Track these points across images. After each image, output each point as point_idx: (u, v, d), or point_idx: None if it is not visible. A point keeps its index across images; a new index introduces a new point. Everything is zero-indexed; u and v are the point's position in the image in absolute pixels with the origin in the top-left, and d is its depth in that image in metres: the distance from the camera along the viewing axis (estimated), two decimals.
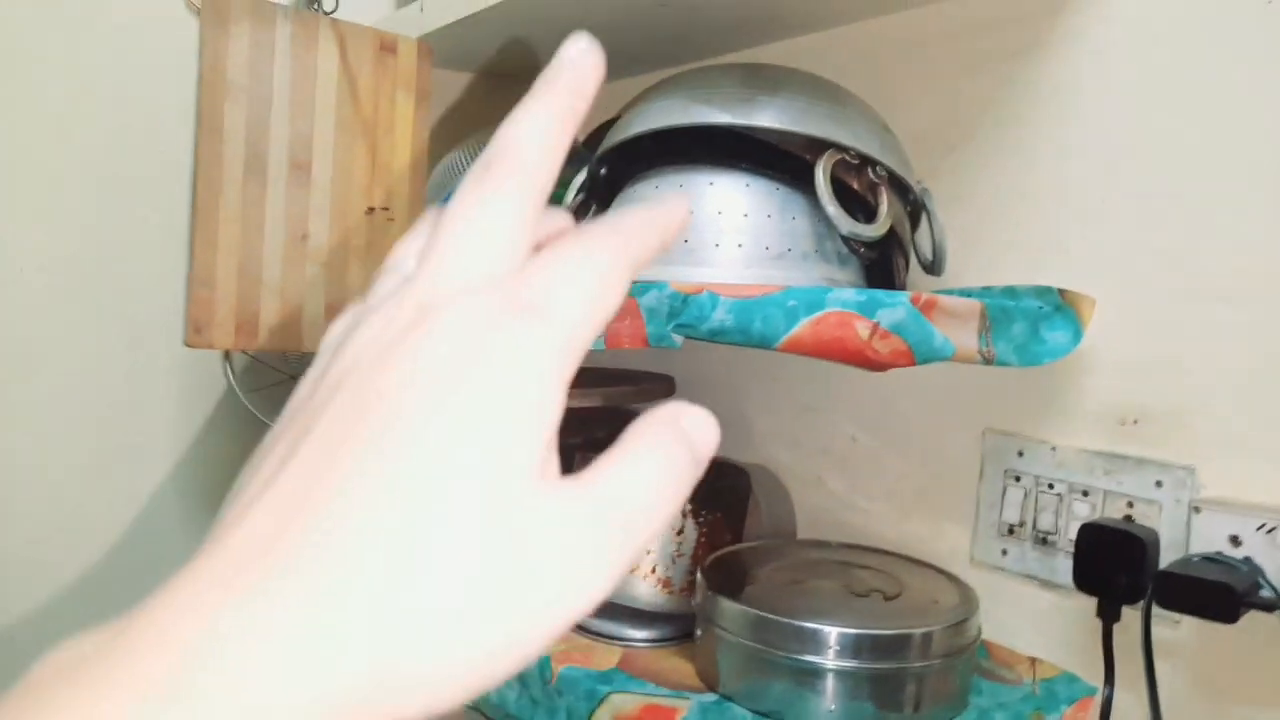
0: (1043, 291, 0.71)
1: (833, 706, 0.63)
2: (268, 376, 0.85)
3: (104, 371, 0.87)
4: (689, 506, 0.80)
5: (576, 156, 0.96)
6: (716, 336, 0.61)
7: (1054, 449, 0.72)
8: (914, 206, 0.73)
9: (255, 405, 0.83)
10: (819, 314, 0.59)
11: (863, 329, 0.59)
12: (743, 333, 0.60)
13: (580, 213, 0.81)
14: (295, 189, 0.80)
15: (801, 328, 0.59)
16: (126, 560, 0.89)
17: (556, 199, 0.84)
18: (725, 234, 0.67)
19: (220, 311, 0.77)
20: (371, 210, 0.83)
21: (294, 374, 0.86)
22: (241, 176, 0.77)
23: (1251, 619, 0.57)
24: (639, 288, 0.66)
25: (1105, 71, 0.70)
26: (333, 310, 0.82)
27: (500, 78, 1.09)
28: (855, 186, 0.68)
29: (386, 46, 0.83)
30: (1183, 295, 0.66)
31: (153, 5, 0.88)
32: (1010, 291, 0.74)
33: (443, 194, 0.93)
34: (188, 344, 0.77)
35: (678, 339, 0.62)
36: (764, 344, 0.60)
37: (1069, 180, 0.72)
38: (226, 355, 0.82)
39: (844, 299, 0.59)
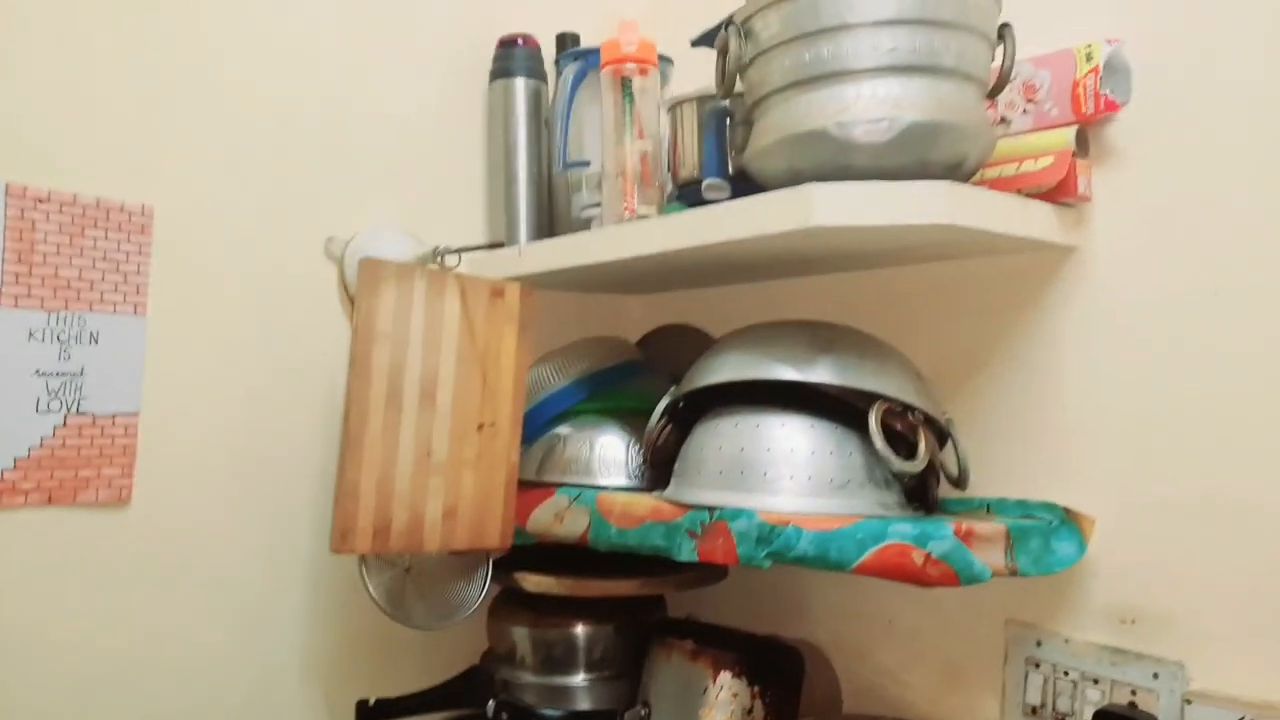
0: (1050, 507, 0.87)
1: None
2: (386, 570, 0.98)
3: (248, 566, 1.00)
4: (757, 687, 0.92)
5: (638, 366, 1.13)
6: (800, 562, 0.76)
7: (1067, 641, 0.87)
8: (940, 433, 0.89)
9: (379, 597, 0.96)
10: (882, 545, 0.74)
11: (918, 557, 0.74)
12: (822, 560, 0.75)
13: (660, 434, 0.96)
14: (424, 414, 0.95)
15: (869, 556, 0.74)
16: None
17: (639, 410, 0.99)
18: (797, 468, 0.83)
19: (361, 521, 0.91)
20: (481, 426, 0.98)
21: (407, 568, 0.99)
22: (383, 408, 0.92)
23: None
24: (730, 513, 0.81)
25: (1089, 324, 0.88)
26: (450, 515, 0.95)
27: (578, 294, 1.26)
28: (898, 426, 0.85)
29: (497, 292, 1.00)
30: (1170, 513, 0.81)
31: (300, 249, 1.05)
32: (1022, 504, 0.90)
33: (529, 403, 1.08)
34: (334, 550, 0.90)
35: (768, 563, 0.77)
36: (840, 568, 0.75)
37: (1065, 413, 0.89)
38: (361, 556, 0.95)
39: (902, 532, 0.75)
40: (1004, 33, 0.80)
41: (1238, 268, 0.78)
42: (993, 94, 0.81)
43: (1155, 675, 0.80)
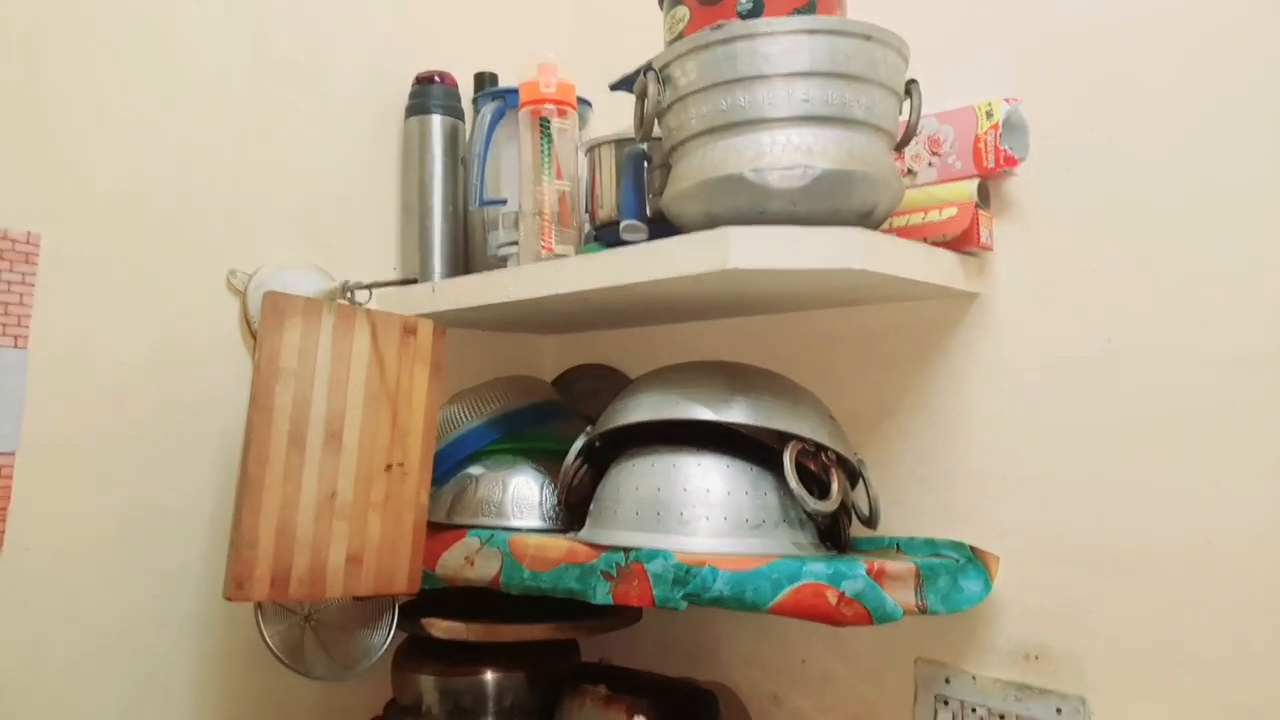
0: (957, 545, 0.89)
1: None
2: (285, 619, 0.93)
3: (134, 621, 0.94)
4: None
5: (553, 407, 1.12)
6: (717, 603, 0.75)
7: (974, 678, 0.88)
8: (852, 474, 0.91)
9: (276, 647, 0.91)
10: (797, 585, 0.75)
11: (831, 597, 0.74)
12: (738, 600, 0.75)
13: (575, 474, 0.95)
14: (328, 455, 0.91)
15: (784, 596, 0.74)
16: None
17: (554, 451, 0.98)
18: (713, 508, 0.83)
19: (259, 568, 0.86)
20: (390, 467, 0.95)
21: (307, 616, 0.95)
22: (285, 448, 0.88)
23: None
24: (646, 554, 0.80)
25: (991, 369, 0.91)
26: (354, 560, 0.92)
27: (492, 333, 1.25)
28: (811, 467, 0.86)
29: (409, 329, 0.97)
30: (1071, 554, 0.84)
31: (201, 280, 1.00)
32: (930, 543, 0.91)
33: (440, 443, 1.05)
34: (228, 598, 0.85)
35: (684, 604, 0.76)
36: (755, 609, 0.75)
37: (970, 456, 0.92)
38: (257, 604, 0.90)
39: (816, 572, 0.75)
40: (911, 88, 0.83)
41: (1128, 317, 0.82)
42: (900, 146, 0.84)
43: (1058, 710, 0.82)
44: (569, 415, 1.11)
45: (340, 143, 1.11)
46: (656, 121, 0.85)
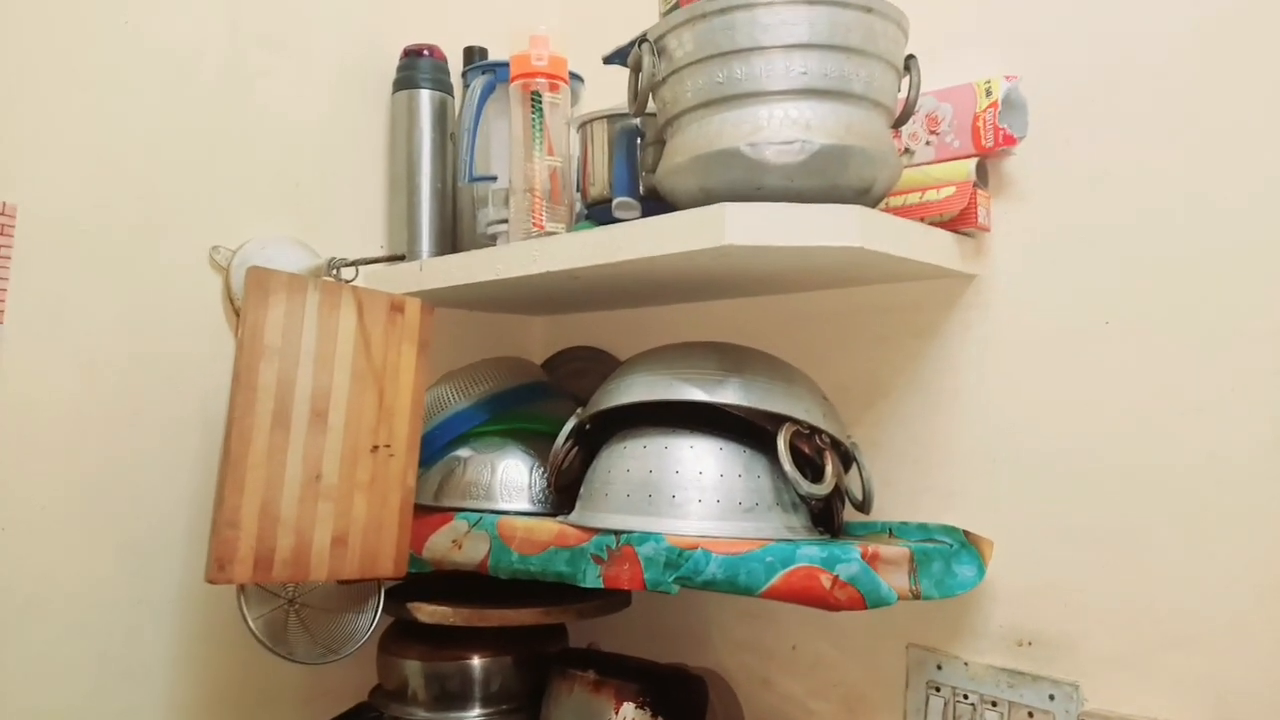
0: (950, 530, 0.88)
1: None
2: (268, 602, 0.91)
3: (110, 603, 0.92)
4: (661, 718, 0.90)
5: (543, 388, 1.10)
6: (709, 586, 0.74)
7: (966, 664, 0.87)
8: (846, 457, 0.90)
9: (259, 630, 0.89)
10: (791, 568, 0.73)
11: (825, 580, 0.73)
12: (730, 584, 0.74)
13: (565, 456, 0.93)
14: (314, 434, 0.89)
15: (778, 580, 0.73)
16: None
17: (544, 433, 0.96)
18: (706, 491, 0.81)
19: (242, 549, 0.84)
20: (376, 448, 0.93)
21: (291, 599, 0.93)
22: (269, 427, 0.86)
23: None
24: (637, 537, 0.79)
25: (987, 351, 0.89)
26: (339, 542, 0.90)
27: (481, 313, 1.23)
28: (805, 450, 0.84)
29: (396, 307, 0.95)
30: (1065, 537, 0.83)
31: (182, 256, 0.98)
32: (923, 528, 0.90)
33: (428, 424, 1.03)
34: (210, 580, 0.83)
35: (676, 588, 0.75)
36: (749, 592, 0.73)
37: (964, 439, 0.91)
38: (241, 587, 0.89)
39: (810, 555, 0.74)
40: (910, 64, 0.82)
41: (1127, 298, 0.81)
42: (899, 123, 0.82)
43: (1051, 696, 0.81)
44: (559, 397, 1.09)
45: (326, 118, 1.08)
46: (651, 96, 0.83)
